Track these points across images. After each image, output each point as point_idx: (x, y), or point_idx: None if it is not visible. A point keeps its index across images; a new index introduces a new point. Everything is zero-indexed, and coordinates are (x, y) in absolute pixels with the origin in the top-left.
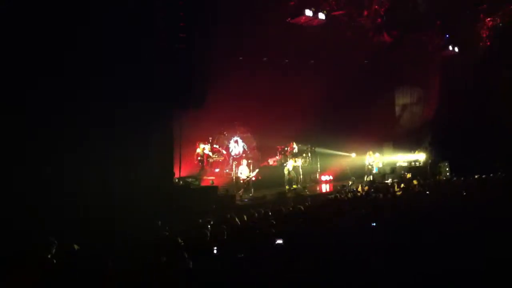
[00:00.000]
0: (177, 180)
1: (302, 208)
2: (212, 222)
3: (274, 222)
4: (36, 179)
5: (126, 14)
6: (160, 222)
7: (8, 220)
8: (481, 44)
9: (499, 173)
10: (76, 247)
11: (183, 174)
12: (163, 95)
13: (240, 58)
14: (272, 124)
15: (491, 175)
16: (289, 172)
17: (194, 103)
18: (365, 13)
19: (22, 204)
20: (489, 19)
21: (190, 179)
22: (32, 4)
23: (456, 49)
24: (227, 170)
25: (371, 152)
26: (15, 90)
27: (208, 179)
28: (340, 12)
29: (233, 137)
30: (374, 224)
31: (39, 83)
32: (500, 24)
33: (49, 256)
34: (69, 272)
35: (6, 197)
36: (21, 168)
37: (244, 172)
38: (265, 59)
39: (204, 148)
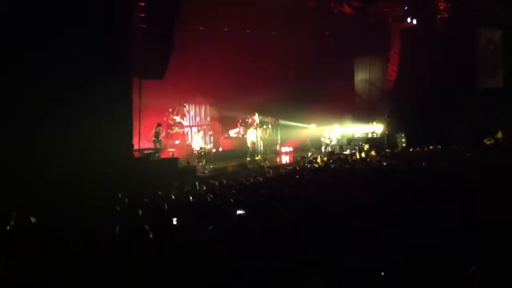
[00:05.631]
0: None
1: (261, 179)
2: (172, 194)
3: (235, 192)
4: None
5: None
6: (120, 194)
7: None
8: (438, 16)
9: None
10: (33, 219)
11: (142, 146)
12: (122, 64)
13: (201, 28)
14: (233, 95)
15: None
16: (252, 143)
17: (154, 74)
18: None
19: None
20: None
21: (150, 151)
22: None
23: (414, 21)
24: (189, 142)
25: (330, 127)
26: None
27: (169, 151)
28: None
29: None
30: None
31: None
32: None
33: (7, 228)
34: (28, 245)
35: None
36: None
37: (197, 143)
38: (226, 29)
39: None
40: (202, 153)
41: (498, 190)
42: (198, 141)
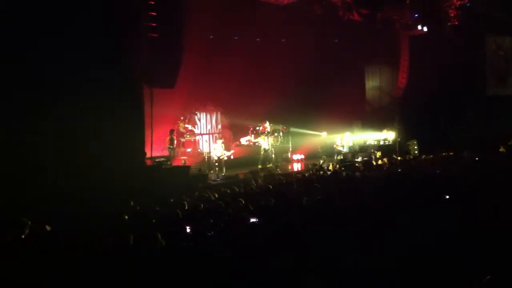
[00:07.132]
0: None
1: (270, 187)
2: (185, 202)
3: (243, 201)
4: None
5: None
6: (132, 202)
7: None
8: (449, 23)
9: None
10: (48, 228)
11: (154, 154)
12: (133, 74)
13: (211, 36)
14: (244, 103)
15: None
16: (264, 150)
17: (164, 83)
18: None
19: None
20: None
21: (162, 159)
22: None
23: (425, 29)
24: (200, 149)
25: (342, 135)
26: None
27: (180, 159)
28: None
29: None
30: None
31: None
32: (468, 4)
33: (22, 237)
34: (42, 254)
35: None
36: None
37: (217, 151)
38: (236, 38)
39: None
40: (221, 160)
41: (499, 192)
42: (218, 148)
